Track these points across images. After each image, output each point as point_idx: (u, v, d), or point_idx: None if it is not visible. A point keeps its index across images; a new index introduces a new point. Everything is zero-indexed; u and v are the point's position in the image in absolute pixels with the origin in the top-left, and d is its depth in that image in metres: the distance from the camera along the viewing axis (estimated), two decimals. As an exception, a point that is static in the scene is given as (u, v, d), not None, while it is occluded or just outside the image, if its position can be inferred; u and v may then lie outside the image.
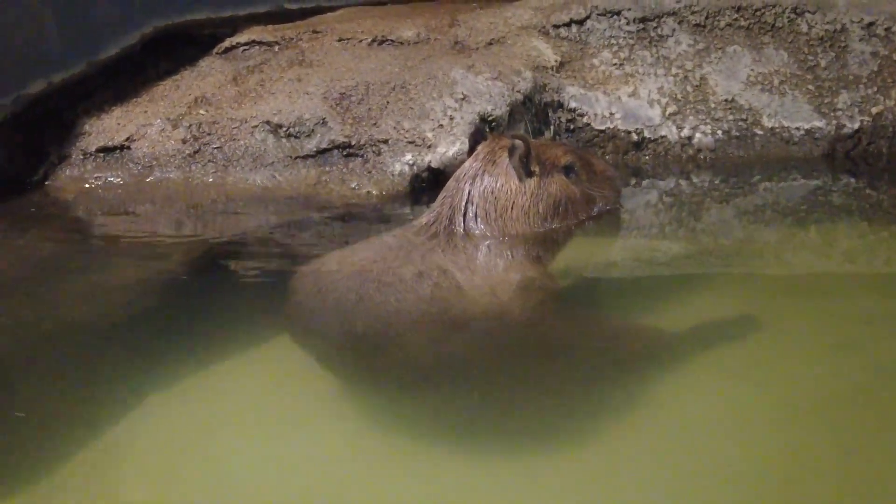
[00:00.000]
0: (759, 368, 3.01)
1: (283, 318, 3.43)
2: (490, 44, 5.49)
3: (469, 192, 3.75)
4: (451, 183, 3.87)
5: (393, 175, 4.86)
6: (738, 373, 2.94)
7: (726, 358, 3.03)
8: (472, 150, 4.04)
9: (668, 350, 3.14)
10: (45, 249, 4.31)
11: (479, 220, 3.75)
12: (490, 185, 3.77)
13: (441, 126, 4.91)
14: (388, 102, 5.10)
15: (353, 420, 2.91)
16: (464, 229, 3.73)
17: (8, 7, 5.02)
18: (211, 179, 5.06)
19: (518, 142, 3.71)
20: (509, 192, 3.77)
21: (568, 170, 3.80)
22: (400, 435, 2.82)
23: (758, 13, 5.35)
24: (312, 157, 5.03)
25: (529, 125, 5.14)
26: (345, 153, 4.99)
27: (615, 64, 5.31)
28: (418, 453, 2.66)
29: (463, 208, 3.75)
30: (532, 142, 3.83)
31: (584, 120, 5.18)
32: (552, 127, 5.20)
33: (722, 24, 5.37)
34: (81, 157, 5.24)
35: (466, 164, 3.86)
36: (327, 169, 4.99)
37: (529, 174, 3.74)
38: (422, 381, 3.02)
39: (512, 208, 3.78)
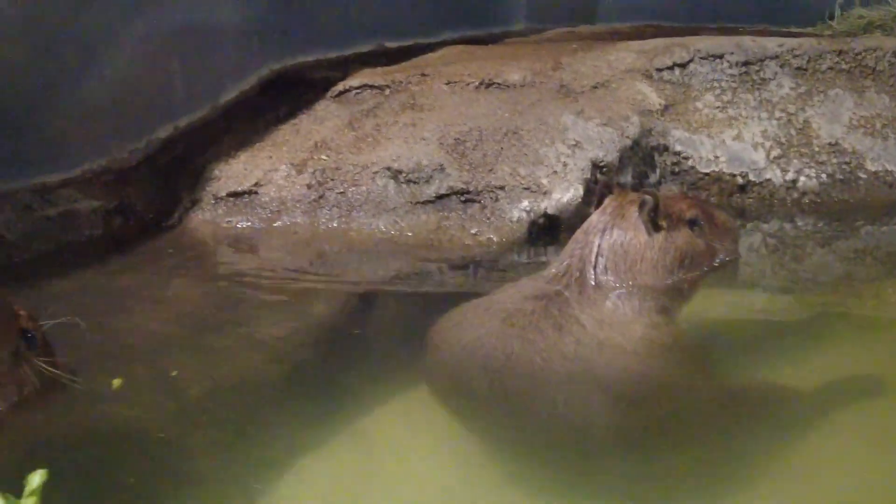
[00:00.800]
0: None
1: (425, 370, 3.53)
2: (595, 87, 5.61)
3: (598, 245, 3.84)
4: (578, 235, 3.95)
5: (511, 221, 4.97)
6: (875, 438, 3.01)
7: (859, 421, 3.08)
8: (598, 202, 4.11)
9: (805, 410, 3.18)
10: (193, 301, 4.45)
11: (609, 272, 3.82)
12: (619, 239, 3.85)
13: (555, 172, 5.04)
14: (502, 148, 5.22)
15: (498, 478, 2.97)
16: (594, 281, 3.80)
17: (139, 57, 5.24)
18: (336, 224, 5.20)
19: (648, 197, 3.79)
20: (638, 246, 3.84)
21: (693, 223, 3.90)
22: (546, 494, 2.86)
23: (858, 56, 5.50)
24: (432, 202, 5.15)
25: (636, 169, 5.29)
26: (463, 199, 5.11)
27: (718, 107, 5.45)
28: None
29: (593, 260, 3.83)
30: (659, 196, 3.93)
31: (689, 163, 5.32)
32: (657, 170, 5.34)
33: (823, 67, 5.52)
34: (213, 201, 5.40)
35: (594, 216, 3.95)
36: (447, 215, 5.12)
37: (658, 228, 3.82)
38: (568, 441, 3.10)
39: (641, 261, 3.86)
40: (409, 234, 5.10)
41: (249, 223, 5.33)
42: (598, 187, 4.71)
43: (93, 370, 3.34)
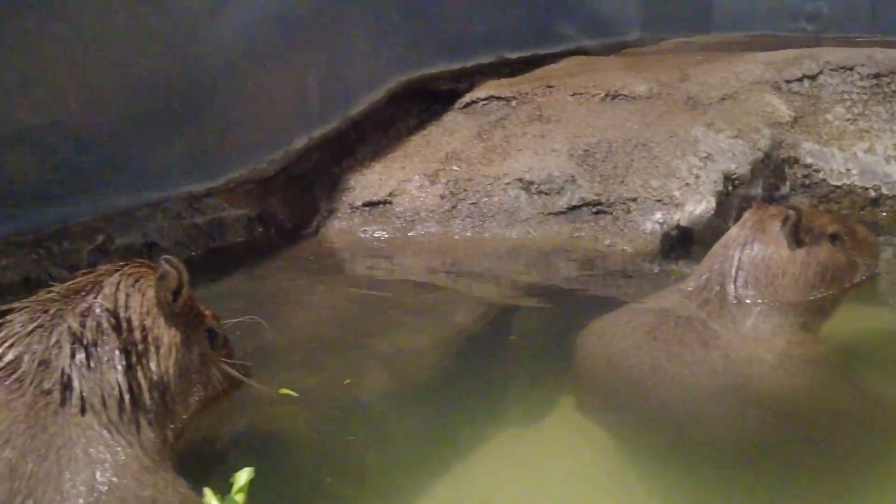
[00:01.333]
0: None
1: (572, 381, 3.56)
2: (723, 99, 5.62)
3: (739, 259, 3.80)
4: (717, 249, 3.92)
5: (645, 233, 4.98)
6: None
7: None
8: (737, 216, 4.10)
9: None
10: (341, 307, 4.52)
11: (749, 286, 3.78)
12: (760, 253, 3.82)
13: (687, 185, 5.04)
14: (632, 160, 5.25)
15: (644, 489, 2.98)
16: (735, 296, 3.76)
17: (277, 70, 5.39)
18: (469, 234, 5.26)
19: (792, 212, 3.74)
20: (780, 260, 3.81)
21: (834, 238, 3.85)
22: None
23: None
24: (563, 213, 5.18)
25: (766, 181, 5.26)
26: (594, 210, 5.13)
27: (849, 119, 5.41)
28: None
29: (733, 275, 3.79)
30: (802, 210, 3.88)
31: (820, 175, 5.29)
32: (788, 183, 5.32)
33: (957, 79, 5.44)
34: (349, 210, 5.50)
35: (734, 230, 3.92)
36: (579, 225, 5.14)
37: (800, 243, 3.78)
38: (715, 456, 3.07)
39: (783, 276, 3.81)
40: (542, 244, 5.14)
41: (385, 232, 5.41)
42: (738, 201, 4.76)
43: (258, 372, 3.39)
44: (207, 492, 2.40)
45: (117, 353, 2.53)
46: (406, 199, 5.49)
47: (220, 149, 5.24)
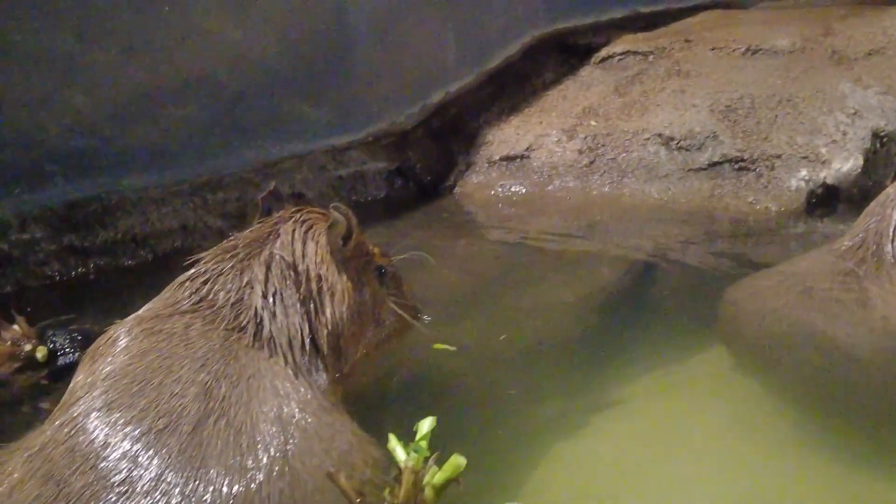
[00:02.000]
0: None
1: (723, 339, 3.51)
2: (870, 54, 5.48)
3: None
4: (874, 208, 3.76)
5: (790, 191, 4.94)
6: None
7: None
8: (895, 176, 3.96)
9: None
10: (483, 261, 4.60)
11: None
12: None
13: (834, 142, 4.97)
14: (776, 116, 5.18)
15: (793, 451, 2.94)
16: (893, 255, 3.62)
17: (418, 25, 5.47)
18: (607, 190, 5.28)
19: None
20: None
21: None
22: (861, 465, 2.81)
23: None
24: (705, 170, 5.16)
25: None
26: (737, 167, 5.10)
27: None
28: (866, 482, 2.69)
29: (891, 234, 3.64)
30: None
31: None
32: None
33: None
34: (486, 165, 5.58)
35: (891, 189, 3.77)
36: (720, 182, 5.11)
37: None
38: (872, 420, 3.03)
39: None
40: (682, 200, 5.12)
41: (522, 187, 5.46)
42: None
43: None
44: (392, 438, 2.44)
45: (298, 300, 2.66)
46: (543, 153, 5.52)
47: (362, 103, 5.35)
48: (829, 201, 5.01)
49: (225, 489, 2.16)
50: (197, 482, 2.15)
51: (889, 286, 3.50)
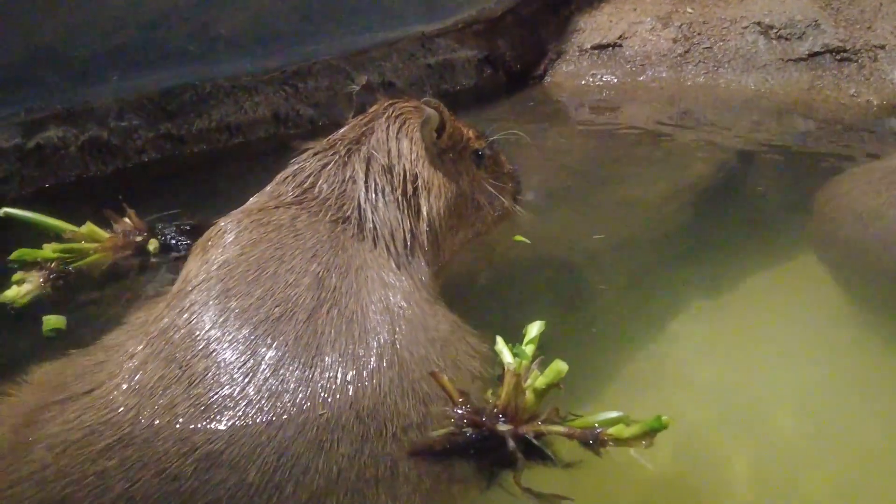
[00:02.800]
0: None
1: (814, 237, 3.51)
2: None
3: None
4: None
5: (893, 83, 4.86)
6: None
7: None
8: None
9: None
10: (574, 154, 4.58)
11: None
12: None
13: None
14: (881, 4, 5.08)
15: (879, 353, 2.92)
16: None
17: None
18: (702, 80, 5.23)
19: None
20: None
21: None
22: None
23: None
24: (804, 60, 5.09)
25: None
26: (838, 58, 5.02)
27: None
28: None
29: None
30: None
31: None
32: None
33: None
34: (577, 53, 5.52)
35: None
36: (820, 74, 5.04)
37: None
38: None
39: None
40: (780, 92, 5.08)
41: (614, 77, 5.43)
42: None
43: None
44: (500, 340, 2.49)
45: (398, 196, 2.71)
46: (637, 42, 5.49)
47: None
48: None
49: (339, 376, 2.24)
50: (313, 369, 2.22)
51: None
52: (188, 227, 3.57)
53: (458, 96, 5.29)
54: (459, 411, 2.34)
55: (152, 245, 3.52)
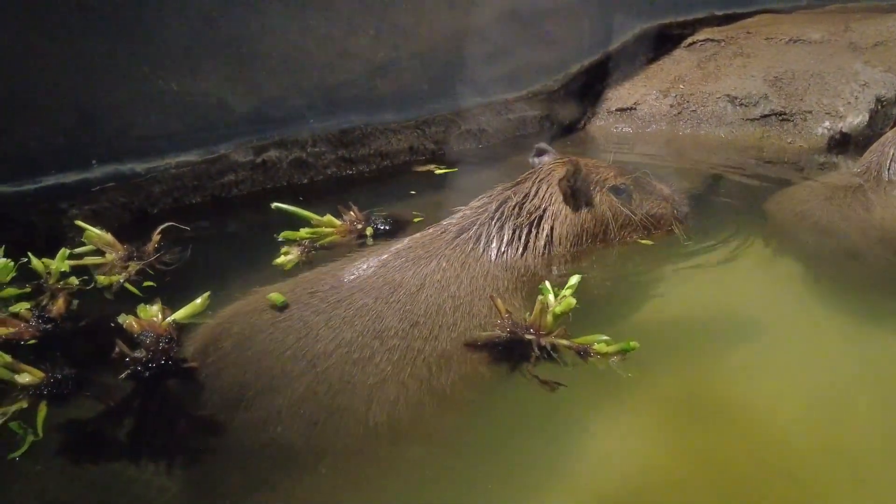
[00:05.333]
0: None
1: (765, 229, 3.86)
2: (877, 45, 6.46)
3: (892, 154, 4.23)
4: (876, 146, 4.38)
5: (816, 135, 5.87)
6: None
7: None
8: (894, 124, 4.75)
9: None
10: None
11: None
12: None
13: (849, 103, 5.94)
14: (809, 85, 6.13)
15: (815, 301, 3.17)
16: (888, 178, 4.19)
17: (564, 16, 6.33)
18: (689, 131, 6.24)
19: None
20: None
21: None
22: (856, 324, 3.01)
23: None
24: (758, 119, 6.10)
25: None
26: (780, 118, 6.04)
27: (970, 61, 6.16)
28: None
29: (888, 164, 4.21)
30: None
31: None
32: None
33: None
34: (606, 113, 6.53)
35: (890, 133, 4.39)
36: (768, 128, 6.04)
37: None
38: (872, 281, 3.31)
39: None
40: (741, 139, 6.00)
41: (630, 129, 6.42)
42: (894, 116, 5.54)
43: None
44: (546, 284, 2.79)
45: (519, 222, 3.05)
46: (646, 106, 6.46)
47: (525, 71, 6.20)
48: (843, 144, 5.85)
49: (434, 305, 2.65)
50: (418, 302, 2.63)
51: (885, 197, 4.11)
52: (389, 219, 3.90)
53: (527, 139, 5.94)
54: (501, 322, 2.68)
55: (369, 231, 3.81)
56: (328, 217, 3.76)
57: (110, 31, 4.06)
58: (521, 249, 3.02)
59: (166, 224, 3.60)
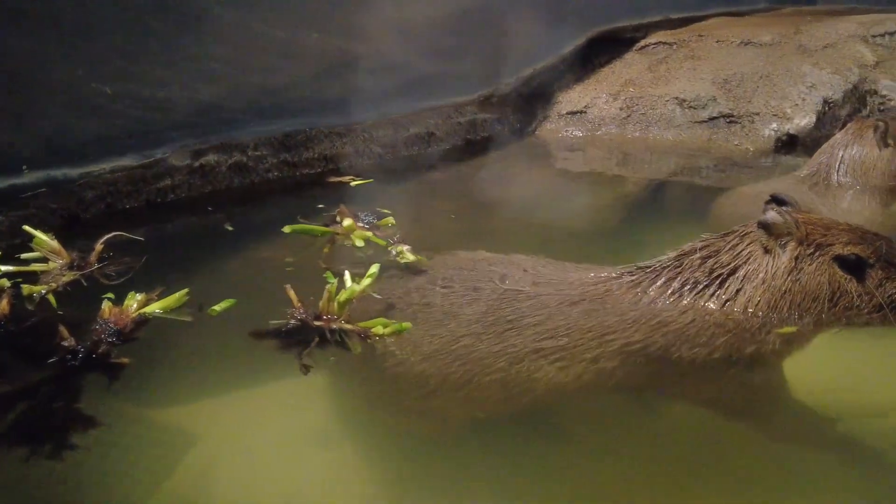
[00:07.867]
0: None
1: (708, 229, 3.73)
2: (825, 47, 6.63)
3: (841, 156, 4.36)
4: (825, 147, 4.49)
5: (763, 137, 6.01)
6: None
7: None
8: (843, 126, 4.74)
9: None
10: (544, 182, 5.35)
11: (848, 175, 4.35)
12: (858, 152, 4.35)
13: (796, 105, 6.12)
14: (757, 87, 6.27)
15: None
16: (837, 181, 4.34)
17: (521, 20, 6.32)
18: (638, 134, 6.38)
19: (881, 122, 4.28)
20: (872, 158, 4.33)
21: None
22: None
23: None
24: (706, 122, 6.25)
25: (852, 106, 6.27)
26: (728, 120, 6.19)
27: (917, 63, 6.26)
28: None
29: (836, 166, 4.36)
30: (890, 122, 4.33)
31: (892, 103, 6.33)
32: (868, 107, 6.35)
33: None
34: (557, 117, 6.64)
35: (839, 135, 4.49)
36: (716, 131, 6.17)
37: (887, 145, 4.35)
38: None
39: (873, 169, 4.33)
40: (689, 142, 6.17)
41: (580, 132, 6.54)
42: (845, 116, 5.62)
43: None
44: (347, 273, 2.94)
45: (700, 275, 2.66)
46: (596, 109, 6.57)
47: (477, 74, 6.26)
48: (791, 146, 6.04)
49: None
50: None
51: (833, 201, 4.27)
52: (371, 216, 3.93)
53: (478, 143, 6.09)
54: (291, 311, 2.84)
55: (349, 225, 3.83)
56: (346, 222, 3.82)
57: (41, 32, 4.02)
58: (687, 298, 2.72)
59: (111, 234, 3.52)
